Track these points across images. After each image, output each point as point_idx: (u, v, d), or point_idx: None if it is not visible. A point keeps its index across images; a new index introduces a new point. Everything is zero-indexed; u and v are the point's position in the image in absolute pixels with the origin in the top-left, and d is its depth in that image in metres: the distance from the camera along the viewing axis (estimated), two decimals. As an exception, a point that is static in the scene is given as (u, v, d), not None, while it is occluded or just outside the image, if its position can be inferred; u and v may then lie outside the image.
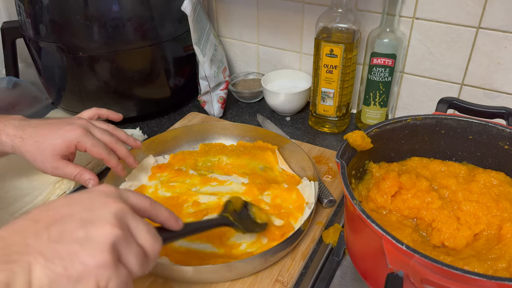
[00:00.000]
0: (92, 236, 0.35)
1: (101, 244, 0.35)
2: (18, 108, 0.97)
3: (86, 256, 0.34)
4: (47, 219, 0.36)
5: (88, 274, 0.34)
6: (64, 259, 0.34)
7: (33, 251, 0.34)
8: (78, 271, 0.34)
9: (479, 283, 0.37)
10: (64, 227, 0.36)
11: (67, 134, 0.60)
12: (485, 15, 0.75)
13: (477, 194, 0.56)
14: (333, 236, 0.64)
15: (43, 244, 0.34)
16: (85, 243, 0.35)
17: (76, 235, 0.35)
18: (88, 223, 0.36)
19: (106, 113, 0.71)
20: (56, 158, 0.59)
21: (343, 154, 0.53)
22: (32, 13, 0.81)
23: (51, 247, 0.34)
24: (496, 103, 0.82)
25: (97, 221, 0.36)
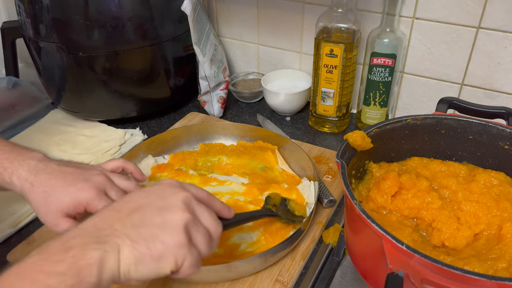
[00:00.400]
0: (168, 221, 0.41)
1: (176, 227, 0.41)
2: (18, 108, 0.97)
3: (166, 237, 0.40)
4: (128, 209, 0.42)
5: (168, 253, 0.40)
6: (147, 240, 0.40)
7: (120, 234, 0.39)
8: (159, 250, 0.40)
9: (479, 283, 0.37)
10: (143, 214, 0.42)
11: (78, 194, 0.53)
12: (485, 15, 0.75)
13: (477, 194, 0.56)
14: (333, 236, 0.64)
15: (128, 228, 0.40)
16: (163, 227, 0.41)
17: (155, 220, 0.41)
18: (163, 210, 0.42)
19: (131, 169, 0.62)
20: (60, 215, 0.53)
21: (343, 154, 0.53)
22: (32, 13, 0.81)
23: (135, 231, 0.40)
24: (496, 103, 0.82)
25: (170, 207, 0.42)
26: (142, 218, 0.41)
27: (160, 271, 0.40)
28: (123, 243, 0.39)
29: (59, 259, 0.36)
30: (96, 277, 0.37)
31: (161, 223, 0.41)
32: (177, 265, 0.41)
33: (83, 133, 0.92)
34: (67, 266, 0.36)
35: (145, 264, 0.39)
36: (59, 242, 0.38)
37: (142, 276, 0.40)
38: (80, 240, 0.38)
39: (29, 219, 0.70)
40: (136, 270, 0.39)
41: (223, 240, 0.62)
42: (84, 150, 0.86)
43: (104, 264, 0.37)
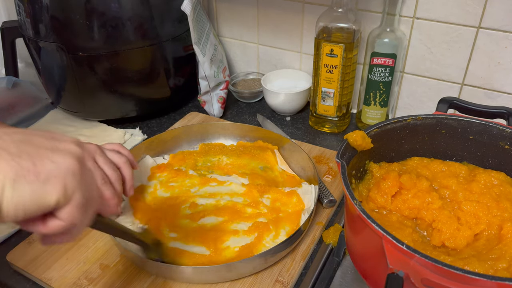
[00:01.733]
0: (60, 148, 0.35)
1: (70, 153, 0.35)
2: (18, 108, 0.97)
3: (58, 157, 0.34)
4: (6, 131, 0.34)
5: (58, 175, 0.33)
6: (33, 156, 0.33)
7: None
8: (48, 169, 0.33)
9: (480, 283, 0.37)
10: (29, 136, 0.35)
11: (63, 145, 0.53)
12: (485, 15, 0.75)
13: (477, 194, 0.56)
14: (333, 236, 0.64)
15: (7, 143, 0.32)
16: (54, 150, 0.35)
17: (44, 144, 0.35)
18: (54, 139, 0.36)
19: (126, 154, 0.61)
20: None
21: (343, 154, 0.53)
22: (31, 12, 0.80)
23: (17, 146, 0.33)
24: (496, 103, 0.82)
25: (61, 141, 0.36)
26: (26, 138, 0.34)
27: (44, 198, 0.32)
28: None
29: None
30: None
31: (52, 147, 0.35)
32: (65, 196, 0.34)
33: (83, 133, 0.92)
34: None
35: (26, 183, 0.31)
36: None
37: (19, 201, 0.31)
38: None
39: (29, 219, 0.70)
40: (13, 189, 0.31)
41: (217, 243, 0.61)
42: (84, 150, 0.86)
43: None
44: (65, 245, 0.64)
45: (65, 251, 0.63)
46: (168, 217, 0.66)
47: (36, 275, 0.60)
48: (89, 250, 0.64)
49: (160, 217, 0.66)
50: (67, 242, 0.37)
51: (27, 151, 0.33)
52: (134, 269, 0.60)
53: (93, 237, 0.66)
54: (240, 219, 0.65)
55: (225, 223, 0.65)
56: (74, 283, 0.59)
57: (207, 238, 0.62)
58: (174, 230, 0.64)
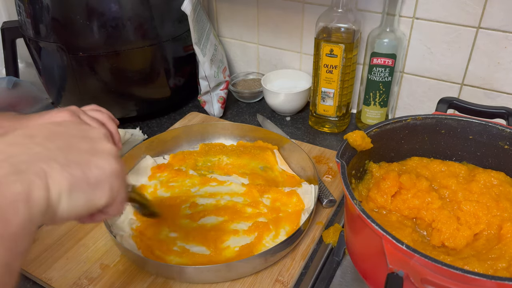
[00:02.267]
0: (98, 148, 0.37)
1: (109, 155, 0.37)
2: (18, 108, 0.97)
3: (102, 162, 0.36)
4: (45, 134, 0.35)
5: (105, 180, 0.35)
6: (80, 164, 0.34)
7: (44, 158, 0.32)
8: (96, 175, 0.35)
9: (479, 283, 0.37)
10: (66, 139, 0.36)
11: (53, 117, 0.57)
12: (485, 15, 0.75)
13: (477, 194, 0.56)
14: (333, 236, 0.64)
15: (52, 151, 0.33)
16: (95, 154, 0.36)
17: (83, 146, 0.36)
18: (90, 139, 0.37)
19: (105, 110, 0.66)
20: None
21: (343, 154, 0.53)
22: (32, 13, 0.81)
23: (63, 155, 0.34)
24: (496, 103, 0.82)
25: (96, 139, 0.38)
26: (67, 143, 0.35)
27: (94, 202, 0.35)
28: (50, 167, 0.32)
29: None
30: (25, 214, 0.29)
31: (92, 150, 0.36)
32: (112, 197, 0.36)
33: (83, 133, 0.92)
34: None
35: (80, 191, 0.33)
36: None
37: (75, 208, 0.33)
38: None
39: (29, 219, 0.70)
40: (69, 198, 0.32)
41: (218, 243, 0.61)
42: (84, 150, 0.86)
43: (31, 197, 0.30)
44: (65, 245, 0.64)
45: (65, 251, 0.63)
46: (168, 217, 0.66)
47: (36, 275, 0.60)
48: (89, 250, 0.64)
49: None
50: None
51: (73, 159, 0.34)
52: (134, 269, 0.61)
53: (93, 237, 0.66)
54: (240, 219, 0.66)
55: (225, 223, 0.65)
56: (74, 283, 0.59)
57: (207, 238, 0.62)
58: (174, 230, 0.64)
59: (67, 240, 0.65)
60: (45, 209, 0.31)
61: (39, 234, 0.66)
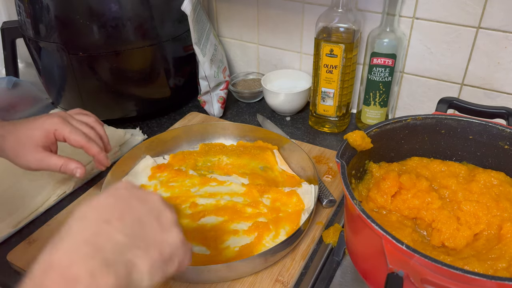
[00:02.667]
0: (163, 222, 0.40)
1: (172, 226, 0.40)
2: (18, 108, 0.97)
3: (171, 237, 0.39)
4: (116, 216, 0.37)
5: (175, 253, 0.39)
6: (157, 245, 0.38)
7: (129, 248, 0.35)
8: (169, 252, 0.38)
9: (479, 283, 0.37)
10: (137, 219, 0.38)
11: (44, 124, 0.59)
12: (485, 15, 0.75)
13: (477, 194, 0.56)
14: (333, 236, 0.64)
15: (132, 238, 0.36)
16: (163, 229, 0.39)
17: (153, 224, 0.39)
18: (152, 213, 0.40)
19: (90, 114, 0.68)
20: (38, 150, 0.57)
21: (343, 154, 0.53)
22: (32, 13, 0.81)
23: (142, 239, 0.37)
24: (496, 103, 0.82)
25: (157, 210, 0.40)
26: (140, 224, 0.38)
27: (168, 273, 0.39)
28: (134, 256, 0.35)
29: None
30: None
31: (159, 226, 0.39)
32: (180, 263, 0.40)
33: (83, 133, 0.92)
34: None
35: (157, 270, 0.37)
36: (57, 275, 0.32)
37: (153, 282, 0.38)
38: (82, 266, 0.32)
39: (29, 219, 0.70)
40: (149, 277, 0.37)
41: (218, 243, 0.61)
42: (84, 150, 0.86)
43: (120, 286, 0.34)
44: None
45: (65, 251, 0.63)
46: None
47: (37, 275, 0.60)
48: (89, 250, 0.63)
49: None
50: None
51: (152, 242, 0.38)
52: (134, 269, 0.60)
53: (93, 237, 0.66)
54: (240, 219, 0.66)
55: (225, 223, 0.65)
56: (74, 283, 0.59)
57: (207, 238, 0.62)
58: (174, 230, 0.64)
59: (67, 240, 0.65)
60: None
61: (39, 234, 0.66)
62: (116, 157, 0.84)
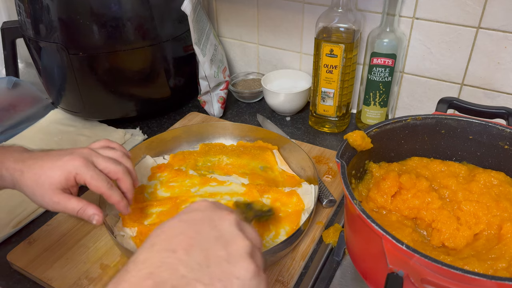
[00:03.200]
0: (233, 252, 0.37)
1: (243, 256, 0.36)
2: (18, 108, 0.97)
3: (241, 271, 0.35)
4: (182, 245, 0.36)
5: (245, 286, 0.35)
6: (221, 280, 0.35)
7: (191, 280, 0.34)
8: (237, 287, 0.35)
9: (479, 283, 0.37)
10: (204, 249, 0.36)
11: (65, 165, 0.54)
12: (485, 15, 0.75)
13: (477, 194, 0.56)
14: (333, 236, 0.64)
15: (196, 272, 0.34)
16: (231, 260, 0.36)
17: (220, 254, 0.36)
18: (222, 240, 0.37)
19: (116, 146, 0.63)
20: (56, 192, 0.53)
21: (343, 154, 0.53)
22: (32, 12, 0.80)
23: (206, 272, 0.35)
24: (496, 103, 0.82)
25: (228, 236, 0.38)
26: (206, 255, 0.36)
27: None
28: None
29: None
30: None
31: (227, 256, 0.36)
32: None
33: (83, 133, 0.92)
34: None
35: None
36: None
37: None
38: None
39: (29, 219, 0.70)
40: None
41: None
42: (84, 150, 0.86)
43: None
44: (65, 245, 0.64)
45: (65, 251, 0.63)
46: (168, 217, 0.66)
47: (36, 275, 0.60)
48: (89, 250, 0.64)
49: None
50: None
51: (215, 275, 0.35)
52: (134, 269, 0.60)
53: (93, 237, 0.66)
54: (240, 219, 0.65)
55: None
56: (74, 283, 0.59)
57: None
58: (174, 230, 0.64)
59: (67, 240, 0.65)
60: None
61: (39, 234, 0.66)
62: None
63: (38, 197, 0.53)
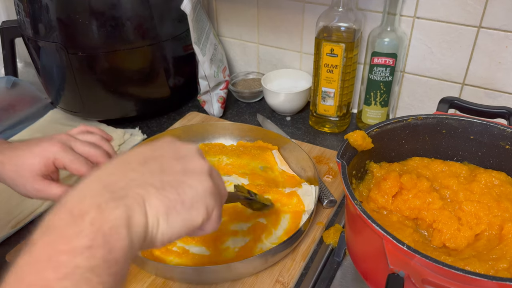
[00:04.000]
0: (190, 168, 0.37)
1: (201, 173, 0.37)
2: (17, 108, 0.97)
3: (195, 182, 0.36)
4: (137, 160, 0.36)
5: (199, 199, 0.35)
6: (174, 186, 0.34)
7: (140, 183, 0.33)
8: (190, 196, 0.35)
9: (480, 284, 0.37)
10: (159, 162, 0.36)
11: (43, 152, 0.53)
12: (486, 14, 0.75)
13: (478, 194, 0.55)
14: (334, 237, 0.64)
15: (148, 177, 0.34)
16: (187, 173, 0.36)
17: (175, 168, 0.36)
18: (181, 159, 0.37)
19: (95, 130, 0.62)
20: (36, 179, 0.53)
21: (343, 154, 0.53)
22: (31, 12, 0.80)
23: (158, 179, 0.34)
24: (497, 102, 0.82)
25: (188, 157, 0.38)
26: (161, 167, 0.36)
27: (191, 223, 0.35)
28: (146, 192, 0.33)
29: (76, 231, 0.29)
30: (127, 239, 0.31)
31: (184, 170, 0.36)
32: (208, 214, 0.36)
33: (82, 133, 0.92)
34: (90, 237, 0.29)
35: (176, 213, 0.34)
36: (64, 212, 0.31)
37: (173, 230, 0.34)
38: (90, 201, 0.31)
39: (29, 219, 0.70)
40: (167, 222, 0.33)
41: (217, 244, 0.61)
42: (84, 150, 0.86)
43: (131, 222, 0.31)
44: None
45: (64, 251, 0.63)
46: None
47: (36, 276, 0.60)
48: (88, 250, 0.63)
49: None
50: None
51: (167, 181, 0.35)
52: (134, 269, 0.60)
53: (92, 237, 0.66)
54: (240, 219, 0.65)
55: (225, 223, 0.65)
56: (74, 283, 0.59)
57: (207, 238, 0.62)
58: (174, 230, 0.64)
59: (67, 240, 0.65)
60: (144, 235, 0.32)
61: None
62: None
63: (20, 186, 0.53)
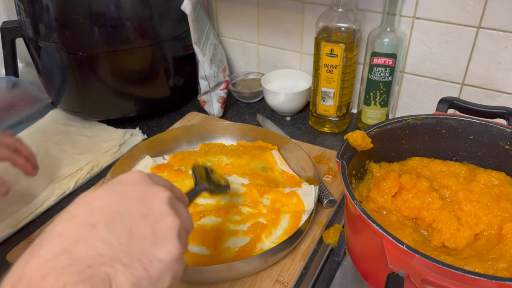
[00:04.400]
0: (159, 231, 0.35)
1: (170, 238, 0.35)
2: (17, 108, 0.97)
3: (163, 253, 0.34)
4: (105, 220, 0.33)
5: (167, 270, 0.34)
6: (142, 261, 0.33)
7: (108, 260, 0.32)
8: (158, 269, 0.34)
9: (480, 283, 0.37)
10: (128, 226, 0.34)
11: None
12: (485, 14, 0.75)
13: (477, 194, 0.56)
14: (334, 236, 0.64)
15: (115, 250, 0.32)
16: (156, 240, 0.34)
17: (144, 232, 0.34)
18: (150, 218, 0.35)
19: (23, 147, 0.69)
20: None
21: (343, 154, 0.53)
22: (31, 12, 0.80)
23: (126, 252, 0.33)
24: (497, 103, 0.82)
25: (157, 214, 0.36)
26: (129, 233, 0.33)
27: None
28: (114, 270, 0.31)
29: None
30: None
31: (153, 236, 0.34)
32: (174, 280, 0.35)
33: (82, 133, 0.92)
34: None
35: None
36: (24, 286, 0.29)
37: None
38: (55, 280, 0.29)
39: (29, 219, 0.70)
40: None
41: (218, 244, 0.61)
42: (84, 150, 0.86)
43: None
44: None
45: (65, 251, 0.63)
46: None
47: (36, 275, 0.60)
48: (89, 250, 0.63)
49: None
50: None
51: (135, 254, 0.33)
52: (134, 269, 0.60)
53: (93, 237, 0.66)
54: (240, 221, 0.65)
55: (225, 223, 0.65)
56: (74, 283, 0.59)
57: (207, 238, 0.62)
58: (174, 230, 0.64)
59: (67, 240, 0.65)
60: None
61: (39, 234, 0.66)
62: (115, 157, 0.84)
63: None
